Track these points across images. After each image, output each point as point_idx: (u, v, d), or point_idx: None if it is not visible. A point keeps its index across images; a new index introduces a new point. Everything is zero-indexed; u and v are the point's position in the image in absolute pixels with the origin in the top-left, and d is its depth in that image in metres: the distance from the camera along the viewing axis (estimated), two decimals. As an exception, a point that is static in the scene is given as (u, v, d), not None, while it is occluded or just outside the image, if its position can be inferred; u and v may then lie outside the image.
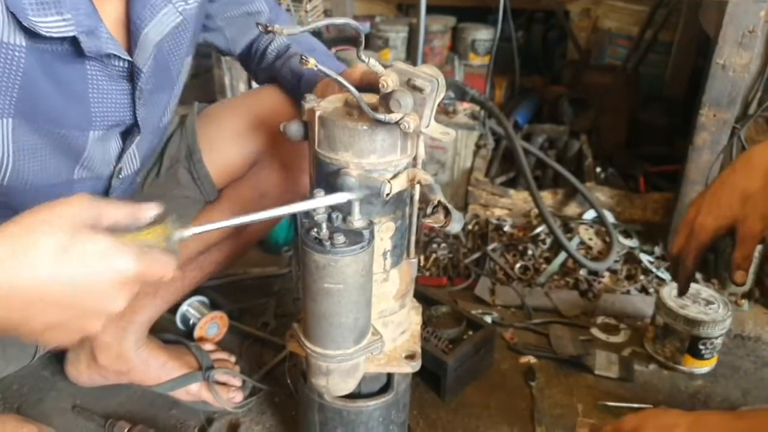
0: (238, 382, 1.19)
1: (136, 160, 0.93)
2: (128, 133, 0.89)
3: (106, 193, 0.94)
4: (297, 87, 1.01)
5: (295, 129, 0.79)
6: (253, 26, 1.08)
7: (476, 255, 1.67)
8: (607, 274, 1.60)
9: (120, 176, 0.93)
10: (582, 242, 1.71)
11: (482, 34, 2.51)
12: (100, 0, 0.74)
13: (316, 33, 2.55)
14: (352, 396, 0.90)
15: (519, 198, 1.85)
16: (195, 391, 1.17)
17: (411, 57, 2.41)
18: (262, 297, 1.49)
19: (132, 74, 0.82)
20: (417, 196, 0.84)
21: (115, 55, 0.77)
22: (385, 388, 0.95)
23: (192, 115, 1.10)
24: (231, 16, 1.06)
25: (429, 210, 0.73)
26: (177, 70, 0.93)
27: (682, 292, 1.02)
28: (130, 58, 0.79)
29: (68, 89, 0.76)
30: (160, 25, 0.81)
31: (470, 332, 1.24)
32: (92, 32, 0.73)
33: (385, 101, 0.72)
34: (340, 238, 0.72)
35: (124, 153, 0.89)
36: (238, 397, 1.18)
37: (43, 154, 0.79)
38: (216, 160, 1.07)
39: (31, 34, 0.68)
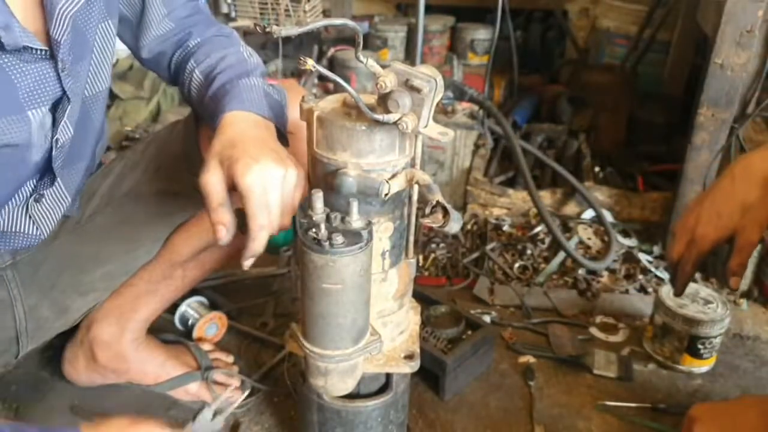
0: (236, 382, 1.19)
1: (69, 129, 0.93)
2: (57, 104, 0.89)
3: (48, 162, 0.93)
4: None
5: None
6: (148, 20, 1.02)
7: (475, 255, 1.67)
8: (605, 273, 1.61)
9: (58, 146, 0.93)
10: (581, 241, 1.71)
11: (481, 34, 2.51)
12: None
13: (315, 33, 2.55)
14: (351, 396, 0.90)
15: (518, 197, 1.85)
16: (194, 391, 1.17)
17: (410, 57, 2.41)
18: (260, 297, 1.49)
19: (52, 50, 0.83)
20: (415, 196, 0.84)
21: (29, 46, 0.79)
22: (383, 388, 0.95)
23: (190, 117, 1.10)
24: (132, 1, 1.00)
25: (427, 210, 0.74)
26: (92, 36, 0.93)
27: (678, 294, 1.05)
28: (44, 47, 0.81)
29: None
30: (71, 2, 0.82)
31: (469, 332, 1.24)
32: (7, 27, 0.74)
33: (384, 101, 0.72)
34: (338, 239, 0.72)
35: (57, 124, 0.90)
36: (237, 396, 1.18)
37: None
38: None
39: None
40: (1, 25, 0.74)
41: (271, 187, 0.76)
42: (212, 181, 0.77)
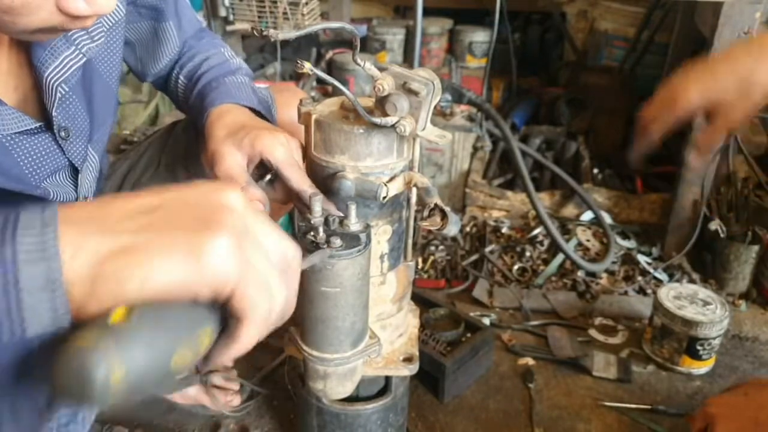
0: (236, 386, 1.19)
1: (92, 176, 0.90)
2: (75, 169, 0.85)
3: None
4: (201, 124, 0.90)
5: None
6: (162, 54, 1.00)
7: (474, 257, 1.67)
8: (604, 275, 1.61)
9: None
10: (579, 243, 1.71)
11: (479, 36, 2.52)
12: None
13: (313, 36, 2.56)
14: (350, 399, 0.90)
15: (516, 200, 1.85)
16: (193, 395, 1.17)
17: (408, 59, 2.41)
18: (260, 300, 1.49)
19: (49, 121, 0.77)
20: (414, 199, 0.84)
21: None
22: (383, 391, 0.95)
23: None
24: (139, 29, 0.98)
25: (426, 213, 0.74)
26: (115, 83, 0.90)
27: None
28: (37, 124, 0.75)
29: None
30: (62, 68, 0.77)
31: (468, 334, 1.24)
32: None
33: (382, 104, 0.72)
34: (336, 242, 0.72)
35: (78, 187, 0.87)
36: (236, 400, 1.17)
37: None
38: None
39: None
40: None
41: (299, 153, 0.79)
42: (232, 163, 0.76)
